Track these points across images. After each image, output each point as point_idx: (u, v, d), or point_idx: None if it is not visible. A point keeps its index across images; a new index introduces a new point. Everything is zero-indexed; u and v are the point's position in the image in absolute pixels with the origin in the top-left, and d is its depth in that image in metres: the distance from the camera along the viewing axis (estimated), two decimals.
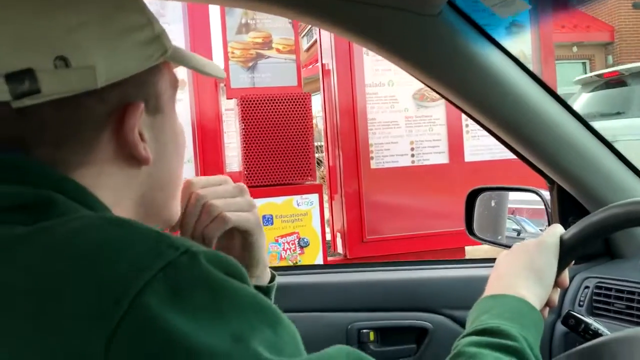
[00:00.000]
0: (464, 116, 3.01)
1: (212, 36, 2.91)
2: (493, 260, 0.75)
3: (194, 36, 2.83)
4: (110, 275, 0.39)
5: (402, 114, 2.93)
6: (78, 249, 0.41)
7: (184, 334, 0.38)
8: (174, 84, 0.59)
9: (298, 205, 2.74)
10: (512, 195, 1.43)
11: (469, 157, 2.97)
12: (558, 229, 0.76)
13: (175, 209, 0.62)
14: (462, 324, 1.14)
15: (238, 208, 0.67)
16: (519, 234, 1.41)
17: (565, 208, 1.19)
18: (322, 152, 3.57)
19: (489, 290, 0.70)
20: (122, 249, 0.41)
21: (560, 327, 1.08)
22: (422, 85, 3.13)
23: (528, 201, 1.35)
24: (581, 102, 5.78)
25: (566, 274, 0.78)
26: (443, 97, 1.06)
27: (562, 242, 0.76)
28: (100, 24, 0.49)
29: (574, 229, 0.77)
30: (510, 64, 1.02)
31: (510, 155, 3.08)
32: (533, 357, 0.59)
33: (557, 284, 0.74)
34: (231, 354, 0.39)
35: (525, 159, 1.13)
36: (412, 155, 2.95)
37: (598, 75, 5.86)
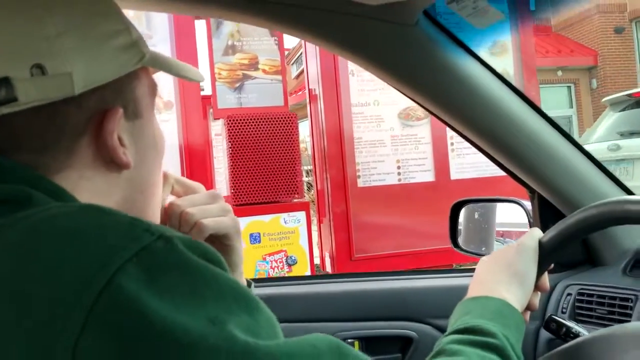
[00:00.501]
0: (449, 134, 3.09)
1: (199, 57, 2.95)
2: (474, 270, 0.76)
3: (180, 57, 2.86)
4: (84, 257, 0.40)
5: (388, 133, 2.96)
6: (55, 232, 0.42)
7: (160, 315, 0.38)
8: (153, 89, 0.60)
9: (285, 223, 2.74)
10: (501, 217, 1.43)
11: (454, 174, 3.00)
12: (536, 232, 0.78)
13: (156, 212, 0.62)
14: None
15: (214, 214, 0.67)
16: None
17: (546, 216, 1.20)
18: (311, 176, 3.58)
19: (471, 294, 0.71)
20: (97, 232, 0.41)
21: (544, 334, 1.09)
22: (407, 104, 3.17)
23: (517, 224, 1.36)
24: (610, 121, 5.93)
25: (546, 277, 0.78)
26: (422, 106, 1.08)
27: (541, 245, 0.77)
28: (77, 31, 0.50)
29: (552, 231, 0.78)
30: (489, 74, 1.04)
31: (496, 172, 3.10)
32: (515, 356, 0.60)
33: (537, 287, 0.75)
34: (206, 335, 0.39)
35: (506, 168, 1.15)
36: (399, 174, 2.97)
37: (628, 95, 6.02)
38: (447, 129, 2.98)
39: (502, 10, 0.97)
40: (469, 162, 3.02)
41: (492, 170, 3.04)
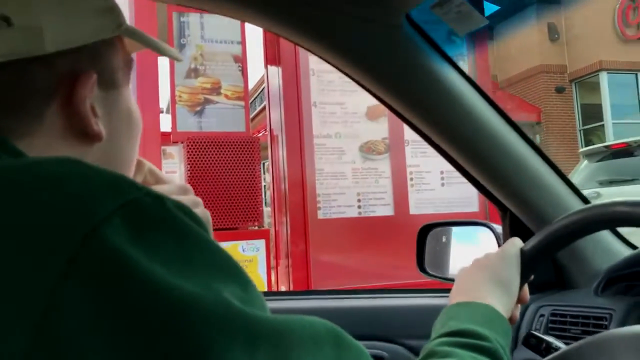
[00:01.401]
0: (408, 170, 3.11)
1: (160, 80, 2.90)
2: (448, 290, 0.74)
3: (141, 79, 2.80)
4: (65, 207, 0.35)
5: (349, 166, 2.95)
6: (32, 179, 0.37)
7: (147, 271, 0.34)
8: (128, 63, 0.57)
9: (244, 251, 2.66)
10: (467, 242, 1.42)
11: (413, 210, 3.01)
12: (517, 241, 0.76)
13: None
14: (417, 353, 1.10)
15: None
16: None
17: (517, 236, 1.19)
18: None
19: (454, 301, 0.68)
20: (80, 181, 0.37)
21: (518, 355, 1.06)
22: (369, 138, 3.17)
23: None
24: (588, 170, 6.23)
25: (526, 288, 0.77)
26: (397, 113, 1.06)
27: (523, 253, 0.75)
28: None
29: (534, 240, 0.77)
30: (467, 85, 1.04)
31: (452, 209, 3.12)
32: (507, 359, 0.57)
33: (518, 299, 0.73)
34: (200, 298, 0.34)
35: (477, 183, 1.14)
36: (359, 207, 2.96)
37: (605, 147, 6.37)
38: (407, 164, 3.03)
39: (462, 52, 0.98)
40: (427, 198, 3.04)
41: (448, 206, 3.07)
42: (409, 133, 3.01)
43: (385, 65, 0.97)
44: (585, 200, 1.10)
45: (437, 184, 3.05)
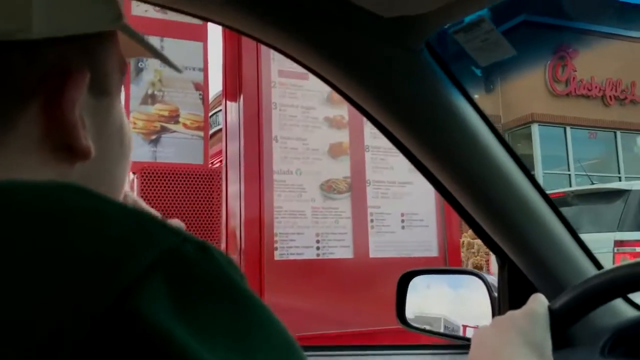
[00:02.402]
0: (369, 210, 3.04)
1: None
2: (442, 347, 0.66)
3: None
4: (72, 259, 0.25)
5: (309, 204, 2.84)
6: (16, 215, 0.26)
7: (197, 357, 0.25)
8: (122, 66, 0.46)
9: None
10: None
11: (373, 252, 2.92)
12: (543, 299, 0.70)
13: None
14: None
15: None
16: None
17: (516, 291, 1.11)
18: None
19: None
20: (92, 220, 0.27)
21: None
22: (330, 176, 3.09)
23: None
24: None
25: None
26: (399, 144, 0.96)
27: (552, 312, 0.68)
28: None
29: (563, 298, 0.71)
30: (480, 121, 0.96)
31: (413, 254, 3.05)
32: None
33: None
34: None
35: (478, 227, 1.05)
36: (318, 248, 2.84)
37: None
38: (369, 205, 2.95)
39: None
40: (388, 241, 2.97)
41: (408, 250, 3.01)
42: (370, 173, 2.95)
43: (397, 91, 0.88)
44: (598, 264, 1.03)
45: (398, 227, 2.98)
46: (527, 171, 1.02)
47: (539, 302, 0.69)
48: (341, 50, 0.82)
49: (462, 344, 1.15)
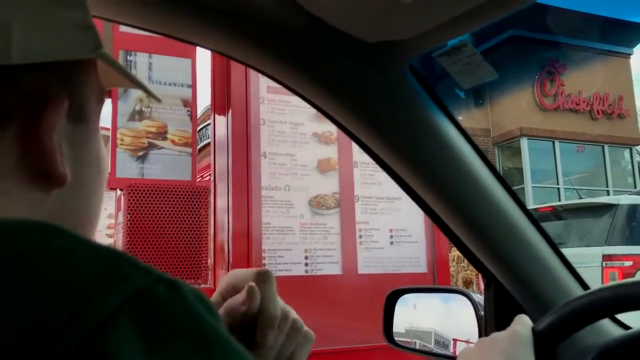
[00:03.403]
0: (357, 226, 3.04)
1: (102, 120, 2.69)
2: None
3: None
4: (44, 301, 0.25)
5: (297, 220, 2.83)
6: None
7: None
8: (101, 95, 0.47)
9: None
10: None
11: (362, 269, 2.91)
12: (527, 320, 0.71)
13: None
14: None
15: None
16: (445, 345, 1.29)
17: (502, 310, 1.11)
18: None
19: None
20: (61, 260, 0.27)
21: None
22: (318, 192, 3.09)
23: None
24: None
25: None
26: (384, 165, 0.97)
27: (536, 333, 0.69)
28: None
29: (547, 319, 0.71)
30: (465, 143, 0.97)
31: (401, 270, 3.05)
32: None
33: None
34: None
35: (464, 246, 1.06)
36: (306, 264, 2.82)
37: (533, 210, 6.52)
38: (357, 220, 2.95)
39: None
40: (376, 257, 2.96)
41: (396, 266, 3.00)
42: (359, 188, 2.95)
43: (381, 113, 0.89)
44: (584, 284, 1.04)
45: (386, 243, 2.97)
46: (511, 190, 1.02)
47: (522, 324, 0.69)
48: (325, 73, 0.83)
49: None
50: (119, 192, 2.69)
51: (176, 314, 0.29)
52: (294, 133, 2.85)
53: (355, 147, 2.95)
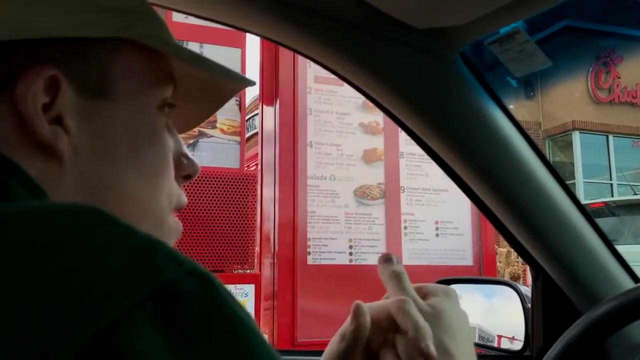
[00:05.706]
0: (403, 217, 3.02)
1: None
2: None
3: None
4: (65, 288, 0.25)
5: (342, 210, 2.84)
6: (10, 245, 0.27)
7: None
8: (157, 78, 0.46)
9: None
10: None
11: (406, 260, 2.89)
12: None
13: None
14: None
15: None
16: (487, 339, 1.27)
17: (550, 303, 1.09)
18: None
19: None
20: (90, 249, 0.27)
21: None
22: (364, 182, 3.08)
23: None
24: None
25: None
26: (432, 153, 0.96)
27: (584, 325, 0.70)
28: None
29: (601, 308, 0.71)
30: (517, 134, 0.95)
31: (447, 262, 3.01)
32: None
33: None
34: None
35: (512, 238, 1.04)
36: (350, 254, 2.83)
37: (585, 205, 6.39)
38: (403, 211, 2.93)
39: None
40: (421, 249, 2.94)
41: (442, 259, 2.97)
42: (405, 179, 2.93)
43: (432, 101, 0.88)
44: (635, 277, 1.01)
45: (432, 235, 2.95)
46: (563, 182, 1.00)
47: None
48: (375, 60, 0.83)
49: (494, 354, 1.14)
50: None
51: (205, 308, 0.27)
52: (341, 123, 2.85)
53: (402, 138, 2.93)
